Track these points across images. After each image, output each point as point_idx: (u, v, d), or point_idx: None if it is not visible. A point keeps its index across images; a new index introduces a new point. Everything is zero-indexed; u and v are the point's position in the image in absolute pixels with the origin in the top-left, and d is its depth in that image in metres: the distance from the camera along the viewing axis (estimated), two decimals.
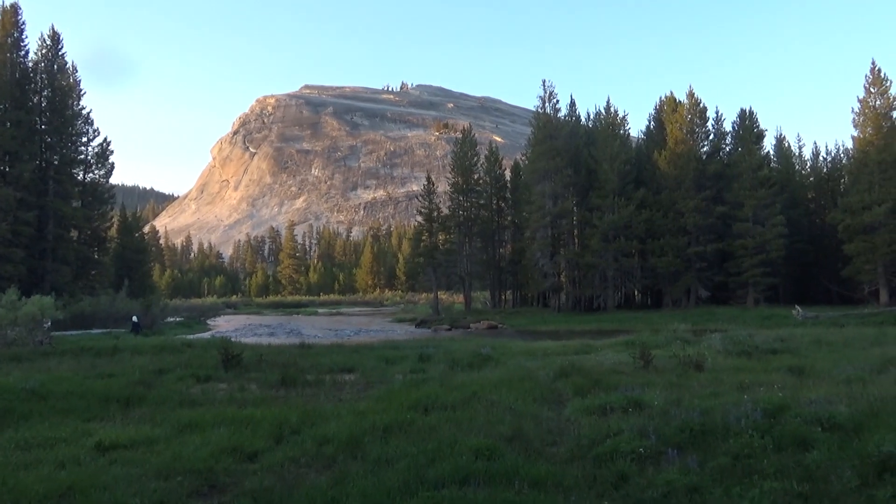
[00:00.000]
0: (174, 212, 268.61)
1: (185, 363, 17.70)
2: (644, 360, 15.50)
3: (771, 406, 8.79)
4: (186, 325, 54.50)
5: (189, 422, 9.88)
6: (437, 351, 20.76)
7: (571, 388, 12.60)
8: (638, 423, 8.46)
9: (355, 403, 11.60)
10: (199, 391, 13.51)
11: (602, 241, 55.58)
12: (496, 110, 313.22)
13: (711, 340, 21.56)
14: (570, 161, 58.93)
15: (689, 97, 59.46)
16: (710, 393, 11.00)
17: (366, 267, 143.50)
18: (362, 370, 16.86)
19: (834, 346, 20.21)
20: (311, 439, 8.63)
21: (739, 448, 7.10)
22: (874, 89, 47.92)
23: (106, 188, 57.02)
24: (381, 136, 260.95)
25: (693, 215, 54.15)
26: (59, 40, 53.19)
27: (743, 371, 14.23)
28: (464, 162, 69.44)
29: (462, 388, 12.54)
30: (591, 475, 6.81)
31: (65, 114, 52.52)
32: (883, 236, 44.45)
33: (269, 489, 6.55)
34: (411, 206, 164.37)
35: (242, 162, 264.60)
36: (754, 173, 53.15)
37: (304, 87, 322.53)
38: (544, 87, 62.00)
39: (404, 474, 6.67)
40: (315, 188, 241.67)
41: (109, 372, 15.98)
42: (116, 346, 23.33)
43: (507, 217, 72.66)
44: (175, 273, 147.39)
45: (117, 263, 63.39)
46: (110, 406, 11.59)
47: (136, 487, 6.58)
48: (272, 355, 19.37)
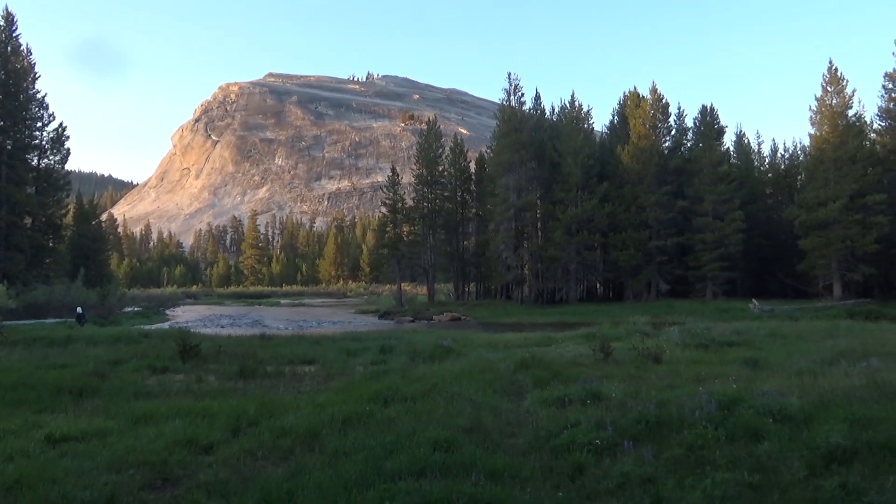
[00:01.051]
0: (133, 199, 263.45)
1: (141, 354, 17.40)
2: (604, 352, 15.68)
3: (725, 398, 8.93)
4: (145, 316, 53.60)
5: (144, 414, 9.70)
6: (399, 343, 20.74)
7: (531, 379, 12.67)
8: (595, 415, 8.53)
9: (315, 395, 11.52)
10: (155, 382, 13.30)
11: (565, 234, 56.01)
12: (462, 102, 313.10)
13: (670, 333, 21.92)
14: (535, 154, 59.21)
15: (652, 93, 60.15)
16: (667, 385, 11.15)
17: (329, 258, 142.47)
18: (323, 362, 16.76)
19: (788, 339, 20.68)
20: (268, 431, 8.52)
21: (693, 439, 7.20)
22: (831, 88, 48.96)
23: (61, 174, 55.68)
24: (346, 126, 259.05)
25: (654, 210, 54.87)
26: (13, 21, 51.64)
27: (700, 363, 14.48)
28: (429, 154, 69.34)
29: (423, 379, 12.51)
30: (548, 467, 6.86)
31: (18, 97, 51.06)
32: (837, 232, 45.54)
33: (224, 482, 6.45)
34: (376, 197, 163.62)
35: (204, 150, 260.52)
36: (714, 169, 54.02)
37: (268, 75, 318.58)
38: (510, 80, 62.18)
39: (361, 466, 6.63)
40: (278, 178, 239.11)
41: (62, 363, 15.64)
42: (70, 336, 22.84)
43: (471, 209, 72.76)
44: (134, 262, 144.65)
45: (73, 252, 62.04)
46: (62, 398, 11.34)
47: (86, 480, 6.42)
48: (231, 346, 19.11)
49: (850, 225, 45.13)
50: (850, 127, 48.16)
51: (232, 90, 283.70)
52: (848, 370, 12.22)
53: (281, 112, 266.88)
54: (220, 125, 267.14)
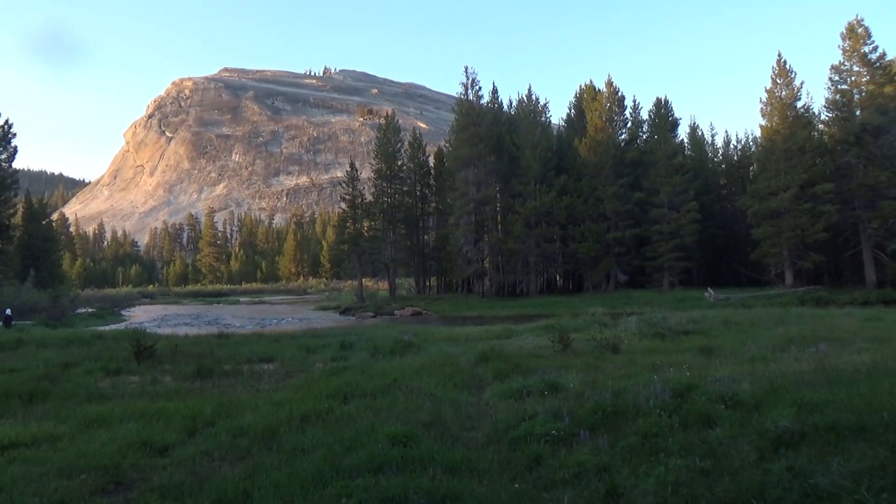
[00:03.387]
0: (85, 198, 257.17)
1: (94, 356, 16.96)
2: (563, 343, 15.87)
3: (679, 386, 9.11)
4: (99, 317, 52.46)
5: (96, 417, 9.47)
6: (360, 338, 20.65)
7: (492, 372, 12.75)
8: (553, 406, 8.62)
9: (273, 393, 11.41)
10: (108, 385, 12.99)
11: (524, 227, 56.36)
12: (421, 97, 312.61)
13: (628, 323, 22.22)
14: (493, 148, 59.40)
15: (607, 86, 60.79)
16: (623, 374, 11.32)
17: (289, 255, 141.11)
18: (282, 359, 16.57)
19: (742, 327, 21.15)
20: (225, 431, 8.41)
21: (648, 427, 7.32)
22: (780, 80, 50.06)
23: (8, 173, 54.24)
24: (303, 121, 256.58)
25: (612, 201, 55.52)
26: None
27: (656, 352, 14.72)
28: (387, 148, 69.10)
29: (383, 375, 12.49)
30: (507, 459, 6.90)
31: None
32: (788, 221, 46.61)
33: (179, 484, 6.35)
34: (335, 192, 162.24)
35: (158, 147, 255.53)
36: (669, 160, 54.86)
37: (223, 70, 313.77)
38: (466, 74, 62.20)
39: (319, 464, 6.58)
40: (236, 174, 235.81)
41: (11, 367, 15.16)
42: (21, 338, 22.19)
43: (431, 203, 72.65)
44: (87, 262, 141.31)
45: (23, 252, 60.54)
46: (11, 403, 10.99)
47: (35, 487, 6.26)
48: (188, 346, 18.80)
49: (800, 214, 46.24)
50: (799, 118, 49.34)
51: (186, 85, 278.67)
52: (798, 356, 12.54)
53: (237, 107, 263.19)
54: (174, 121, 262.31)
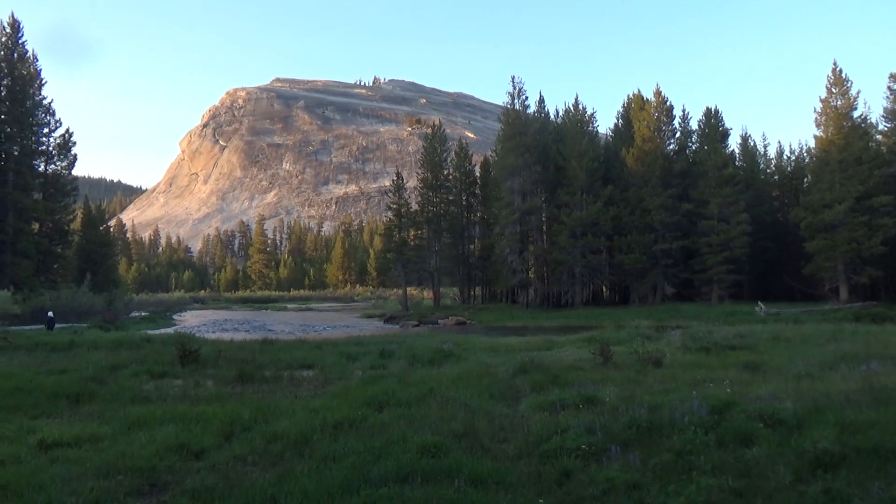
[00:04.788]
0: (142, 205, 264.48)
1: (141, 359, 17.42)
2: (603, 356, 15.64)
3: (718, 402, 8.91)
4: (151, 320, 53.71)
5: (138, 419, 9.73)
6: (400, 347, 20.71)
7: (529, 384, 12.65)
8: (587, 420, 8.52)
9: (310, 400, 11.53)
10: (152, 388, 13.32)
11: (570, 237, 55.91)
12: (469, 106, 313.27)
13: (672, 337, 21.84)
14: (539, 158, 59.18)
15: (656, 95, 60.05)
16: (662, 389, 11.11)
17: (336, 262, 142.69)
18: (322, 366, 16.75)
19: (791, 343, 20.52)
20: (260, 437, 8.54)
21: (682, 445, 7.18)
22: (835, 89, 48.72)
23: (68, 180, 56.08)
24: (353, 130, 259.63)
25: (659, 212, 54.69)
26: (19, 28, 52.10)
27: (700, 367, 14.41)
28: (433, 157, 69.40)
29: (419, 384, 12.52)
30: (536, 472, 6.85)
31: (24, 103, 51.46)
32: (843, 234, 45.25)
33: (211, 488, 6.47)
34: (383, 201, 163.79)
35: (212, 155, 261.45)
36: (719, 171, 53.80)
37: (275, 80, 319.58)
38: (513, 84, 62.12)
39: (348, 472, 6.63)
40: (286, 182, 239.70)
41: (62, 368, 15.69)
42: (73, 340, 22.90)
43: (476, 213, 72.65)
44: (142, 267, 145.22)
45: (81, 257, 62.37)
46: (59, 403, 11.40)
47: (73, 487, 6.45)
48: (232, 351, 19.16)
49: (856, 227, 44.84)
50: (856, 128, 47.90)
51: (240, 95, 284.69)
52: (847, 374, 12.13)
53: (288, 117, 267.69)
54: (227, 130, 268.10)
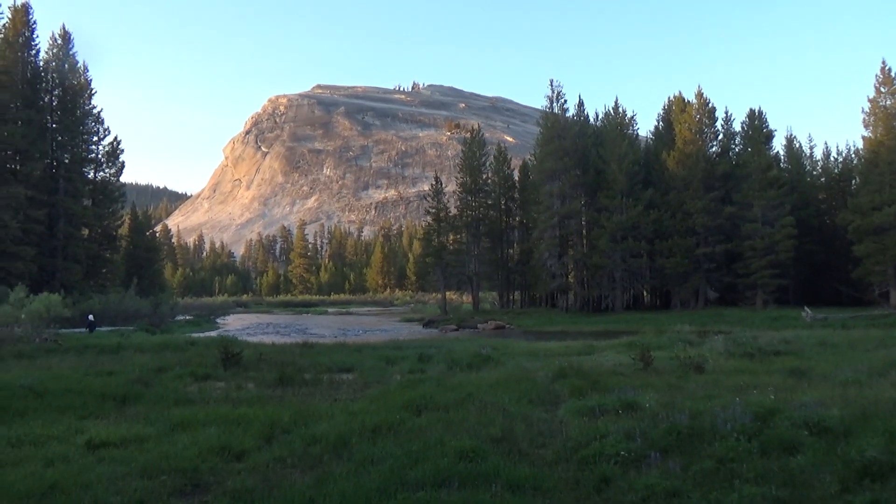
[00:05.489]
0: (187, 211, 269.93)
1: (185, 362, 17.79)
2: (644, 361, 15.46)
3: (762, 409, 8.74)
4: (195, 324, 54.78)
5: (181, 420, 9.91)
6: (439, 351, 20.77)
7: (568, 389, 12.55)
8: (626, 426, 8.43)
9: (349, 403, 11.63)
10: (195, 390, 13.58)
11: (610, 241, 55.41)
12: (507, 110, 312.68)
13: (715, 342, 21.43)
14: (578, 161, 58.82)
15: (697, 97, 59.21)
16: (704, 395, 10.95)
17: (376, 267, 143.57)
18: (361, 370, 16.87)
19: (838, 348, 20.06)
20: (300, 439, 8.64)
21: (724, 452, 7.06)
22: (884, 89, 47.45)
23: (116, 186, 57.45)
24: (392, 135, 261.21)
25: (701, 216, 53.86)
26: (69, 39, 53.60)
27: (743, 373, 14.17)
28: (472, 162, 69.41)
29: (458, 388, 12.53)
30: (574, 478, 6.80)
31: (75, 113, 52.93)
32: (893, 237, 44.00)
33: (251, 489, 6.57)
34: (422, 205, 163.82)
35: (255, 161, 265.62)
36: (763, 174, 52.79)
37: (315, 87, 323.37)
38: (552, 87, 61.88)
39: (385, 476, 6.67)
40: (327, 188, 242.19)
41: (109, 370, 16.09)
42: (121, 343, 23.47)
43: (515, 217, 72.49)
44: (187, 272, 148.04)
45: (128, 262, 63.81)
46: (106, 404, 11.65)
47: (118, 486, 6.61)
48: (273, 354, 19.44)
49: None
50: None
51: (281, 102, 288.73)
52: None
53: (329, 123, 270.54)
54: (269, 137, 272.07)
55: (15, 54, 49.22)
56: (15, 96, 48.33)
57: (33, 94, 50.97)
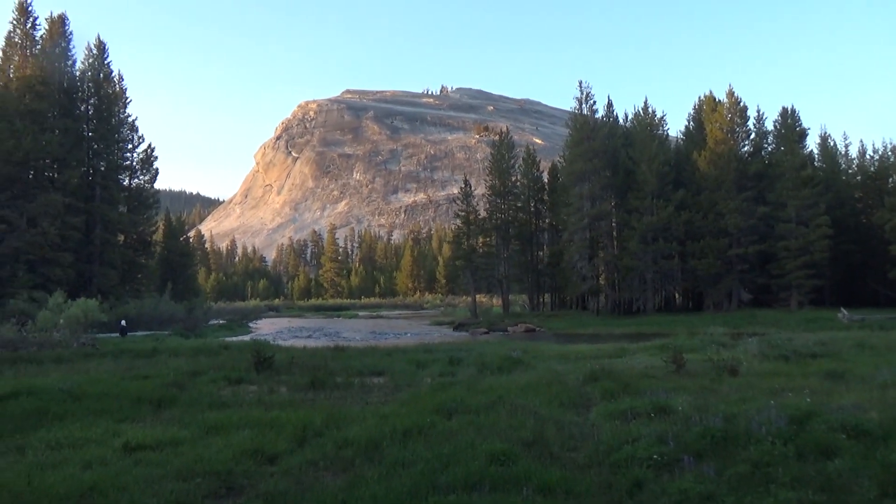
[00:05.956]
0: (220, 216, 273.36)
1: (219, 365, 17.98)
2: (676, 363, 15.31)
3: (797, 412, 8.62)
4: (228, 328, 55.39)
5: (215, 423, 10.03)
6: (469, 354, 20.73)
7: (600, 392, 12.50)
8: (659, 429, 8.36)
9: (380, 407, 11.68)
10: (229, 393, 13.73)
11: (641, 242, 54.91)
12: (536, 112, 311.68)
13: (749, 344, 21.13)
14: (608, 162, 58.42)
15: (728, 96, 58.47)
16: (738, 398, 10.82)
17: (406, 270, 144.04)
18: (392, 373, 16.92)
19: (877, 350, 19.66)
20: (332, 442, 8.69)
21: (759, 456, 6.97)
22: None
23: (150, 193, 58.43)
24: (421, 139, 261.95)
25: (734, 216, 53.13)
26: (104, 50, 54.69)
27: (778, 376, 13.96)
28: (501, 164, 69.31)
29: (488, 391, 12.53)
30: (606, 482, 6.76)
31: (111, 121, 53.96)
32: None
33: (284, 492, 6.64)
34: (451, 209, 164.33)
35: (285, 166, 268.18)
36: (797, 173, 51.93)
37: (345, 92, 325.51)
38: (581, 89, 61.56)
39: (416, 479, 6.70)
40: (356, 192, 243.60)
41: (145, 374, 16.35)
42: (156, 347, 23.84)
43: (544, 219, 72.29)
44: (220, 276, 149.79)
45: (162, 267, 64.82)
46: (142, 407, 11.84)
47: (155, 488, 6.72)
48: (305, 358, 19.56)
49: None
50: None
51: (311, 107, 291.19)
52: None
53: (358, 127, 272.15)
54: (300, 142, 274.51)
55: (52, 65, 50.32)
56: (52, 106, 49.47)
57: (70, 104, 52.12)
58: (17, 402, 11.80)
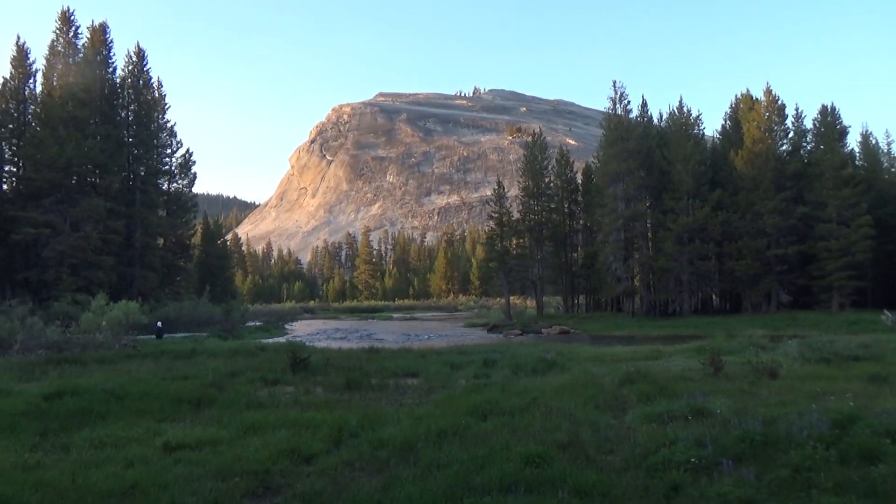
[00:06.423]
0: (256, 219, 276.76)
1: (256, 366, 18.22)
2: (714, 366, 15.10)
3: (840, 416, 8.45)
4: (265, 330, 55.95)
5: (253, 424, 10.17)
6: (503, 356, 20.69)
7: (636, 394, 12.38)
8: (696, 433, 8.26)
9: (415, 408, 11.73)
10: (266, 394, 13.90)
11: (676, 243, 54.22)
12: (569, 113, 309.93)
13: (789, 347, 20.72)
14: (643, 163, 57.78)
15: (766, 94, 57.44)
16: (778, 402, 10.64)
17: (440, 272, 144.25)
18: (426, 375, 16.97)
19: None
20: (367, 443, 8.77)
21: (801, 460, 6.85)
22: None
23: (189, 197, 59.40)
24: (454, 141, 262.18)
25: (772, 216, 52.18)
26: (144, 57, 55.82)
27: (819, 379, 13.69)
28: (534, 165, 69.05)
29: (523, 393, 12.51)
30: (643, 485, 6.70)
31: (150, 127, 55.06)
32: None
33: (320, 492, 6.71)
34: (485, 210, 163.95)
35: (320, 170, 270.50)
36: (837, 172, 50.82)
37: (378, 95, 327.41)
38: (614, 89, 61.02)
39: (452, 480, 6.71)
40: (390, 194, 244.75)
41: (184, 374, 16.63)
42: (195, 349, 24.23)
43: (578, 220, 71.78)
44: (256, 279, 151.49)
45: (201, 270, 65.84)
46: (182, 407, 12.06)
47: (194, 487, 6.85)
48: (340, 359, 19.72)
49: None
50: None
51: (345, 111, 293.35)
52: None
53: (391, 130, 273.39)
54: (334, 145, 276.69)
55: (94, 72, 51.56)
56: (94, 112, 50.67)
57: (111, 110, 53.33)
58: (62, 402, 12.10)
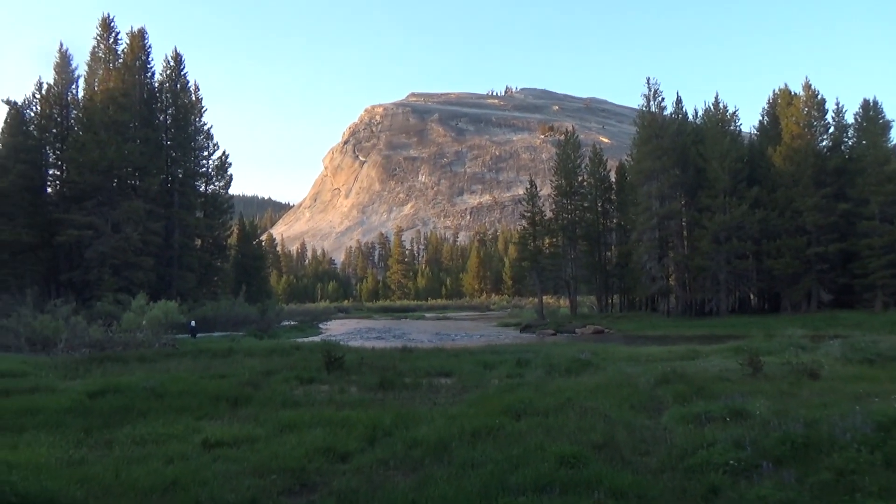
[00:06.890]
0: (290, 220, 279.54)
1: (291, 365, 18.45)
2: (752, 366, 14.84)
3: (885, 418, 8.22)
4: (300, 329, 56.57)
5: (289, 422, 10.32)
6: (537, 356, 20.62)
7: (672, 395, 12.23)
8: (735, 434, 8.13)
9: (449, 407, 11.76)
10: (301, 392, 14.06)
11: (713, 242, 53.43)
12: (602, 111, 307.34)
13: (830, 347, 20.30)
14: (677, 160, 57.01)
15: (805, 89, 56.28)
16: (820, 403, 10.42)
17: (472, 272, 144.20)
18: (459, 374, 17.00)
19: None
20: (401, 442, 8.81)
21: (844, 463, 6.70)
22: None
23: (225, 199, 60.26)
24: (486, 140, 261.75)
25: (812, 214, 51.13)
26: (181, 61, 56.78)
27: (863, 380, 13.38)
28: (567, 164, 68.62)
29: (556, 393, 12.46)
30: (680, 487, 6.62)
31: (187, 130, 55.98)
32: None
33: (356, 490, 6.76)
34: (517, 210, 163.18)
35: (353, 170, 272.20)
36: (880, 167, 49.60)
37: (410, 95, 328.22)
38: (648, 86, 60.37)
39: (486, 480, 6.71)
40: (422, 194, 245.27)
41: (222, 373, 16.90)
42: (232, 348, 24.58)
43: (612, 219, 71.13)
44: (291, 279, 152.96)
45: (237, 270, 66.67)
46: (220, 405, 12.25)
47: (232, 484, 6.95)
48: (374, 358, 19.85)
49: None
50: None
51: (377, 112, 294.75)
52: None
53: (423, 130, 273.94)
54: (366, 146, 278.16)
55: (133, 77, 52.58)
56: (133, 117, 51.66)
57: (150, 114, 54.34)
58: (105, 399, 12.40)
